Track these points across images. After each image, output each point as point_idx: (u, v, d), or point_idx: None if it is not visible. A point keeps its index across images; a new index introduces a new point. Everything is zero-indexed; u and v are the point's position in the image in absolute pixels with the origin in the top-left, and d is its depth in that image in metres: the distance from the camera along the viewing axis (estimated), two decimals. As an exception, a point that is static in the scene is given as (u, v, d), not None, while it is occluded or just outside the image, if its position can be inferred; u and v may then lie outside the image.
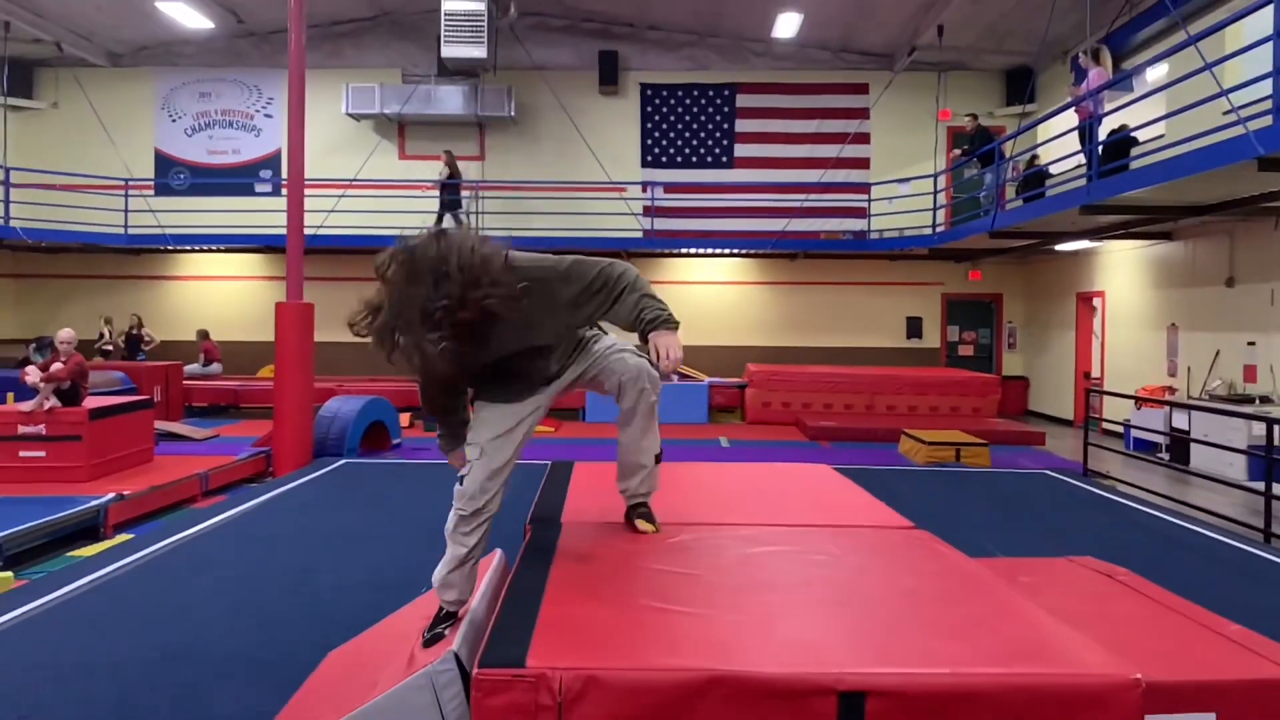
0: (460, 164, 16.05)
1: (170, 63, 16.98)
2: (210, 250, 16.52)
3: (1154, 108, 10.45)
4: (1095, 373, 14.45)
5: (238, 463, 9.21)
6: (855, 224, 16.59)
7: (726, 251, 16.71)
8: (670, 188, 16.74)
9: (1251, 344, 10.55)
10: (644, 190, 16.52)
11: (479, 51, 14.70)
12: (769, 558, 2.57)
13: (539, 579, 2.39)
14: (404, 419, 12.85)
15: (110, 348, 15.45)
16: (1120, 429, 11.95)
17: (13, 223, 14.69)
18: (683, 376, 15.39)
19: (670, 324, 2.69)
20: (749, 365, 15.03)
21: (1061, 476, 9.03)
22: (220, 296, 16.86)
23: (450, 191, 15.44)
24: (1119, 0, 12.68)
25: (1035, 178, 12.46)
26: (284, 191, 9.69)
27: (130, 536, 6.57)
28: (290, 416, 9.37)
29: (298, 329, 9.49)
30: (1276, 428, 6.36)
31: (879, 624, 2.04)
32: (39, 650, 4.13)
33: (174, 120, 17.06)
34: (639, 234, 16.23)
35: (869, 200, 16.24)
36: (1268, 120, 6.57)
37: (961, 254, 16.03)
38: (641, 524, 3.04)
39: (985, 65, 16.16)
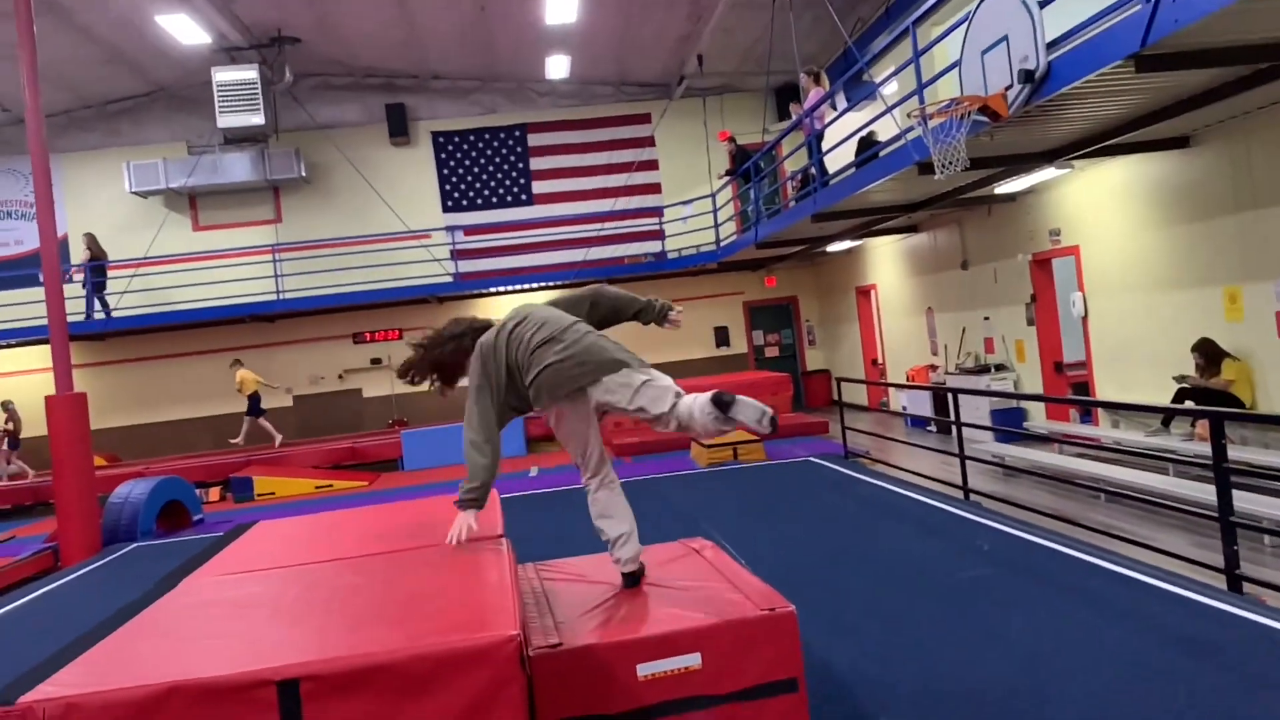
0: (255, 229, 16.09)
1: (-64, 157, 16.39)
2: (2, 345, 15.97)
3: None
4: (880, 359, 15.59)
5: (18, 562, 9.07)
6: (653, 246, 17.38)
7: (535, 286, 17.22)
8: (472, 230, 17.17)
9: (986, 318, 11.72)
10: (448, 235, 16.87)
11: (257, 118, 14.81)
12: (326, 580, 3.03)
13: (122, 619, 2.78)
14: (213, 493, 12.79)
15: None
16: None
17: None
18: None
19: (464, 504, 3.36)
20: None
21: (823, 462, 9.89)
22: (22, 391, 16.27)
23: (97, 274, 15.38)
24: (852, 19, 13.85)
25: (806, 184, 13.40)
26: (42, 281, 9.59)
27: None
28: (73, 508, 9.29)
29: (70, 419, 9.43)
30: (948, 396, 7.21)
31: (336, 623, 2.53)
32: None
33: (-53, 215, 16.45)
34: (449, 278, 16.57)
35: (661, 223, 17.05)
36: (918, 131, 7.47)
37: (756, 263, 17.00)
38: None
39: (752, 86, 17.24)
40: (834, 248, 14.75)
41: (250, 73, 14.65)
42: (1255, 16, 4.77)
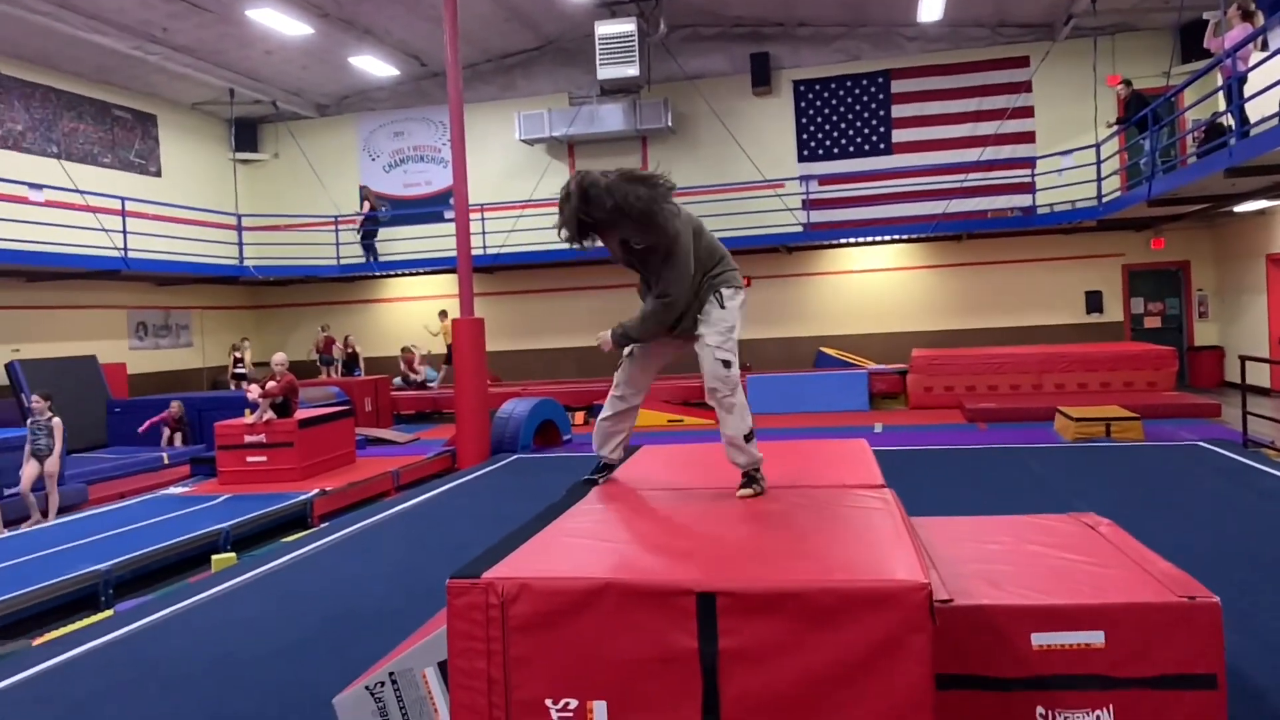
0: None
1: (367, 108, 19.03)
2: (409, 274, 18.39)
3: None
4: (1292, 338, 13.51)
5: (425, 461, 10.51)
6: (1022, 200, 16.23)
7: (888, 239, 16.80)
8: (827, 179, 17.01)
9: None
10: (801, 185, 16.87)
11: (632, 70, 15.63)
12: (714, 508, 3.22)
13: (549, 519, 3.15)
14: (578, 417, 13.95)
15: (318, 356, 17.49)
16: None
17: (246, 262, 17.03)
18: (846, 365, 15.68)
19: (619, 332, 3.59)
20: (914, 350, 15.09)
21: (1214, 448, 8.81)
22: (424, 314, 18.61)
23: (368, 223, 16.93)
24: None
25: (1214, 134, 11.85)
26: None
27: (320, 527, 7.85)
28: (469, 418, 10.57)
29: (471, 340, 10.67)
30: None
31: (746, 547, 2.66)
32: (239, 609, 5.30)
33: (373, 159, 19.11)
34: (799, 228, 16.62)
35: (1033, 175, 15.85)
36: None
37: (1141, 222, 15.34)
38: (740, 490, 3.34)
39: (1154, 24, 15.39)
40: (1243, 208, 12.92)
41: (629, 25, 15.45)
42: None
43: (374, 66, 17.03)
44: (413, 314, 18.64)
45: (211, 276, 16.82)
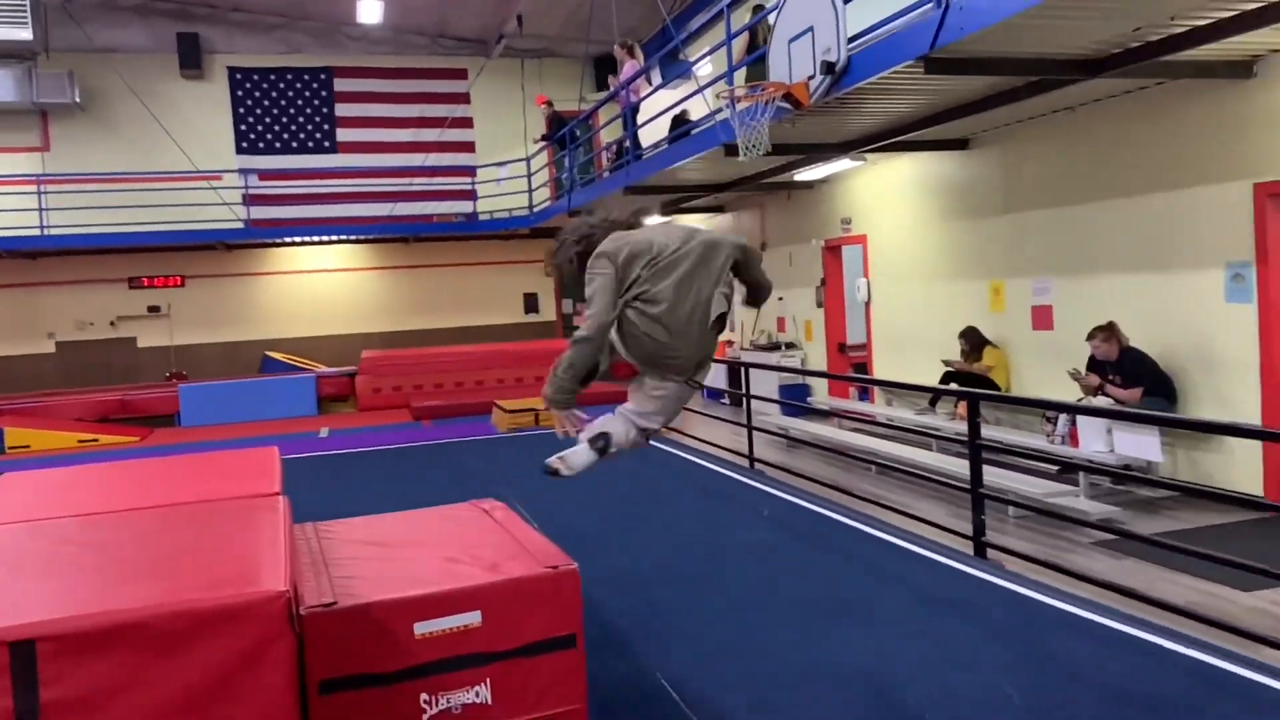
0: (18, 156, 14.58)
1: None
2: None
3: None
4: (683, 333, 15.98)
5: None
6: (464, 206, 17.03)
7: (334, 239, 16.52)
8: (269, 175, 16.20)
9: (780, 299, 12.25)
10: (240, 178, 15.84)
11: (24, 33, 13.37)
12: (77, 537, 2.82)
13: None
14: None
15: None
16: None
17: None
18: (294, 369, 15.11)
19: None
20: (364, 352, 15.02)
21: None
22: None
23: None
24: (672, -6, 14.00)
25: (622, 155, 13.45)
26: None
27: None
28: None
29: None
30: (741, 370, 7.50)
31: (84, 580, 2.37)
32: None
33: None
34: (239, 224, 15.59)
35: (473, 183, 16.73)
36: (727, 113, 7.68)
37: (567, 231, 16.95)
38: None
39: (572, 53, 17.12)
40: (645, 221, 14.95)
41: (18, -20, 13.18)
42: (1026, 32, 5.20)
43: None
44: None
45: None
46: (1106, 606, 4.13)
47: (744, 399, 8.38)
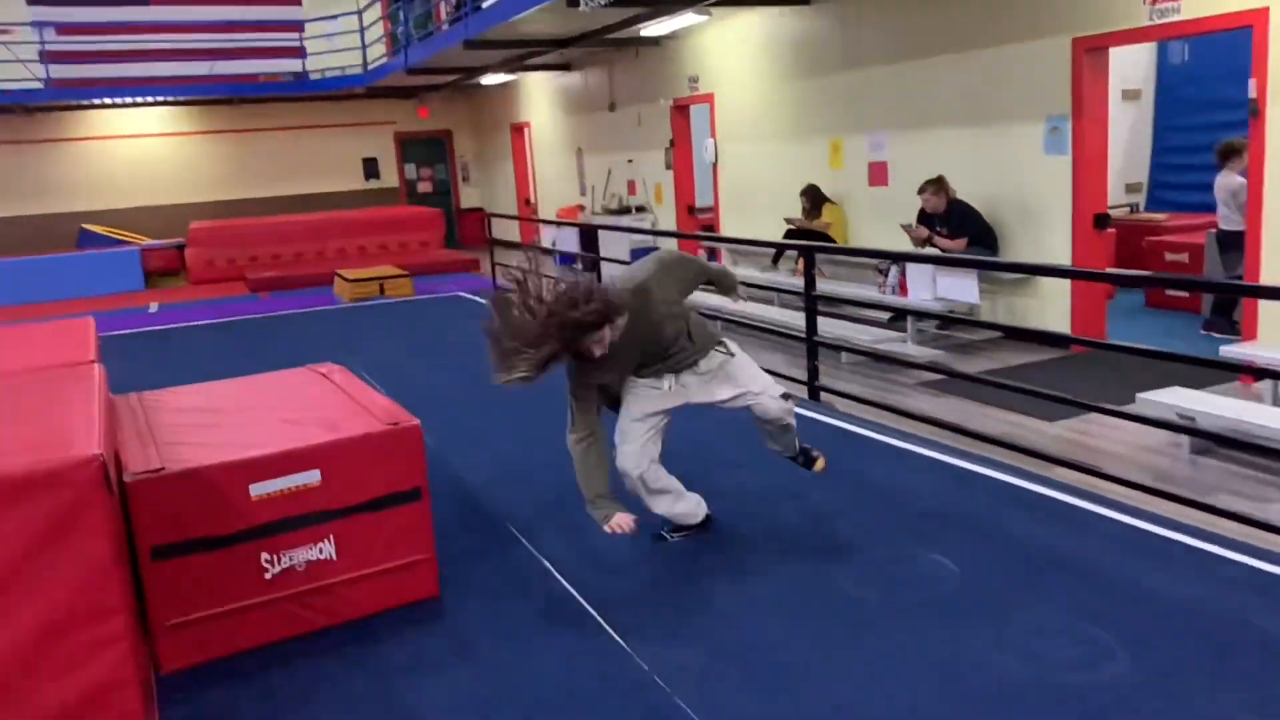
0: None
1: None
2: None
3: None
4: (533, 198, 15.73)
5: None
6: (293, 64, 15.91)
7: (150, 101, 15.23)
8: (69, 29, 14.63)
9: (630, 161, 12.16)
10: (35, 32, 14.25)
11: None
12: None
13: None
14: None
15: None
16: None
17: None
18: (116, 243, 14.11)
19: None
20: (193, 223, 14.12)
21: (471, 296, 9.95)
22: None
23: None
24: None
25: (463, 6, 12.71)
26: None
27: None
28: None
29: None
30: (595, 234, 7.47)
31: None
32: None
33: None
34: (38, 84, 14.12)
35: (301, 39, 15.60)
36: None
37: (408, 91, 16.17)
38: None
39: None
40: (489, 80, 14.42)
41: None
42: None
43: None
44: None
45: None
46: (928, 439, 4.45)
47: (595, 263, 8.37)
